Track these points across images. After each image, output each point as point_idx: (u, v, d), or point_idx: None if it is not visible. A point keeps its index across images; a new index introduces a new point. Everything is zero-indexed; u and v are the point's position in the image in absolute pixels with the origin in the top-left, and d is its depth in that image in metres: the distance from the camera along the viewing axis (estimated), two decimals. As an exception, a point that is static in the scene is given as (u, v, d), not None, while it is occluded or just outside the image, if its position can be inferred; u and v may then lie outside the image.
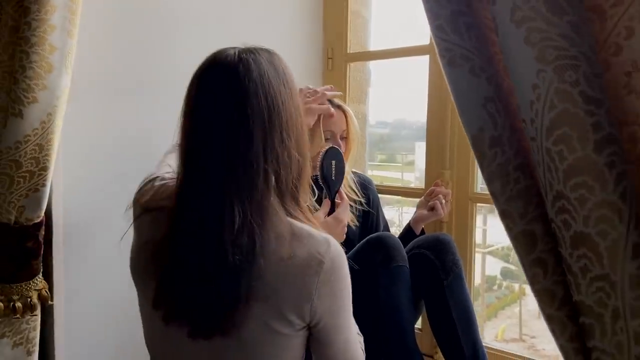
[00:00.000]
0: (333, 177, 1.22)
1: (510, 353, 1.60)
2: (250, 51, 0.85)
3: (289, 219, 0.83)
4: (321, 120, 1.55)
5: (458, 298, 1.44)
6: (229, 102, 0.80)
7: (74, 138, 1.38)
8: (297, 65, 1.96)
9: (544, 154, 0.54)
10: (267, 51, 0.88)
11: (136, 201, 0.93)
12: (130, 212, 0.93)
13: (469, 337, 1.42)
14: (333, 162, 1.23)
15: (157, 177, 0.94)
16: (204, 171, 0.81)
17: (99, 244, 1.45)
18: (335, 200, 1.23)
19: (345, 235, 1.24)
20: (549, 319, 0.57)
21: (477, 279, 5.45)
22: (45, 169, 1.24)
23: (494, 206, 0.63)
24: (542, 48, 0.53)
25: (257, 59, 0.83)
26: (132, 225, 0.91)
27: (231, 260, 0.77)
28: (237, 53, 0.84)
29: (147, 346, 0.94)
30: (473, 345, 1.41)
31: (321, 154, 1.23)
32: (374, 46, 2.10)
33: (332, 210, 1.21)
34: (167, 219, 0.83)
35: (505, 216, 0.60)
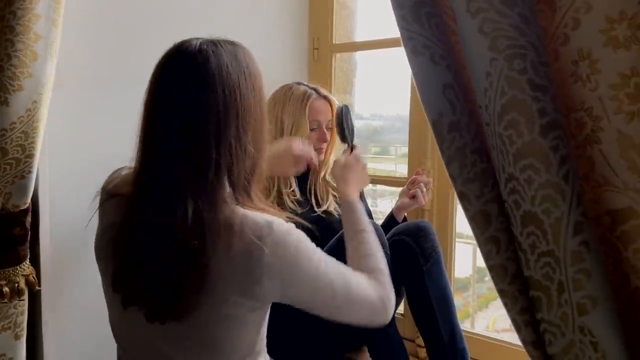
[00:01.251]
0: (351, 126, 1.41)
1: (500, 340, 1.64)
2: (213, 42, 0.86)
3: (239, 207, 0.84)
4: (307, 110, 1.58)
5: (437, 284, 1.47)
6: (186, 92, 0.81)
7: (60, 126, 1.40)
8: (283, 56, 1.98)
9: (497, 138, 0.58)
10: (232, 43, 0.88)
11: (103, 188, 0.96)
12: (97, 200, 0.96)
13: (447, 322, 1.45)
14: (349, 116, 1.42)
15: (126, 166, 0.97)
16: (158, 160, 0.83)
17: (86, 230, 1.48)
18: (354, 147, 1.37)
19: (369, 180, 1.36)
20: (502, 293, 0.61)
21: (469, 270, 5.48)
22: (31, 156, 1.27)
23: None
24: (495, 37, 0.56)
25: (218, 51, 0.84)
26: (97, 211, 0.94)
27: (181, 249, 0.79)
28: (198, 44, 0.85)
29: (112, 330, 0.97)
30: (451, 330, 1.45)
31: (340, 108, 1.42)
32: (359, 37, 2.12)
33: None
34: (125, 205, 0.86)
35: (462, 197, 0.63)
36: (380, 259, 1.02)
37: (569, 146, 0.55)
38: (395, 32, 0.65)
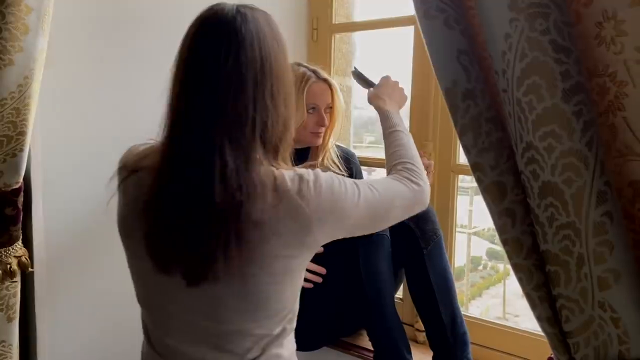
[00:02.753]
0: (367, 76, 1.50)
1: (492, 322, 1.62)
2: (248, 7, 0.89)
3: (271, 167, 0.86)
4: (305, 93, 1.54)
5: (437, 267, 1.45)
6: (224, 50, 0.82)
7: (53, 103, 1.36)
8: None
9: (515, 105, 0.55)
10: (263, 11, 0.91)
11: (122, 166, 0.94)
12: (114, 180, 0.94)
13: (448, 305, 1.43)
14: (361, 73, 1.50)
15: (141, 143, 0.96)
16: (193, 118, 0.83)
17: (80, 209, 1.44)
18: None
19: (405, 98, 1.41)
20: (516, 268, 0.58)
21: (463, 260, 5.50)
22: (22, 133, 1.22)
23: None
24: (515, -4, 0.53)
25: (254, 15, 0.87)
26: (118, 189, 0.92)
27: (220, 205, 0.79)
28: (234, 7, 0.87)
29: (142, 302, 0.95)
30: (451, 313, 1.43)
31: (354, 72, 1.50)
32: (359, 19, 2.08)
33: None
34: (155, 174, 0.85)
35: (476, 169, 0.60)
36: (408, 151, 1.14)
37: (592, 112, 0.52)
38: (394, 11, 0.62)
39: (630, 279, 0.51)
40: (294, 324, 0.96)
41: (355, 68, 1.52)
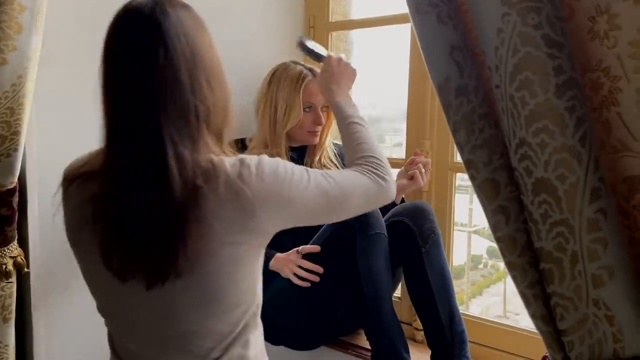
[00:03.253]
0: (317, 46, 1.43)
1: (491, 321, 1.62)
2: None
3: (212, 154, 0.85)
4: (301, 92, 1.54)
5: (435, 265, 1.44)
6: (152, 44, 0.81)
7: (49, 103, 1.35)
8: (279, 34, 1.94)
9: (508, 101, 0.54)
10: (181, 1, 0.89)
11: (64, 179, 0.93)
12: (58, 196, 0.92)
13: (446, 304, 1.43)
14: (309, 42, 1.43)
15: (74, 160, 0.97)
16: (135, 117, 0.82)
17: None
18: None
19: (355, 72, 1.34)
20: (510, 266, 0.57)
21: (463, 258, 5.49)
22: (17, 133, 1.22)
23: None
24: (507, -10, 0.52)
25: (172, 5, 0.85)
26: (62, 201, 0.91)
27: (179, 198, 0.78)
28: (151, 1, 0.85)
29: (102, 311, 0.94)
30: (449, 312, 1.43)
31: (299, 42, 1.43)
32: (356, 16, 2.07)
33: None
34: (99, 177, 0.84)
35: (469, 166, 0.60)
36: (371, 145, 1.11)
37: (585, 107, 0.51)
38: (391, 9, 0.61)
39: (624, 276, 0.50)
40: (258, 321, 0.94)
41: (301, 39, 1.44)
